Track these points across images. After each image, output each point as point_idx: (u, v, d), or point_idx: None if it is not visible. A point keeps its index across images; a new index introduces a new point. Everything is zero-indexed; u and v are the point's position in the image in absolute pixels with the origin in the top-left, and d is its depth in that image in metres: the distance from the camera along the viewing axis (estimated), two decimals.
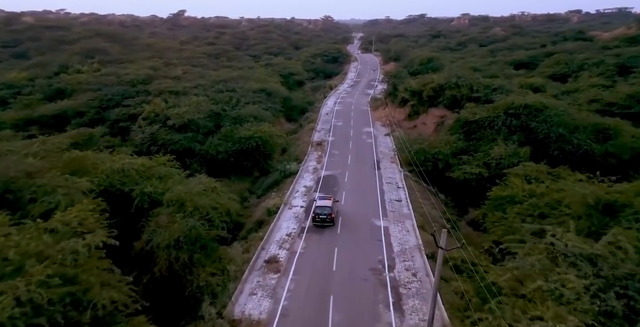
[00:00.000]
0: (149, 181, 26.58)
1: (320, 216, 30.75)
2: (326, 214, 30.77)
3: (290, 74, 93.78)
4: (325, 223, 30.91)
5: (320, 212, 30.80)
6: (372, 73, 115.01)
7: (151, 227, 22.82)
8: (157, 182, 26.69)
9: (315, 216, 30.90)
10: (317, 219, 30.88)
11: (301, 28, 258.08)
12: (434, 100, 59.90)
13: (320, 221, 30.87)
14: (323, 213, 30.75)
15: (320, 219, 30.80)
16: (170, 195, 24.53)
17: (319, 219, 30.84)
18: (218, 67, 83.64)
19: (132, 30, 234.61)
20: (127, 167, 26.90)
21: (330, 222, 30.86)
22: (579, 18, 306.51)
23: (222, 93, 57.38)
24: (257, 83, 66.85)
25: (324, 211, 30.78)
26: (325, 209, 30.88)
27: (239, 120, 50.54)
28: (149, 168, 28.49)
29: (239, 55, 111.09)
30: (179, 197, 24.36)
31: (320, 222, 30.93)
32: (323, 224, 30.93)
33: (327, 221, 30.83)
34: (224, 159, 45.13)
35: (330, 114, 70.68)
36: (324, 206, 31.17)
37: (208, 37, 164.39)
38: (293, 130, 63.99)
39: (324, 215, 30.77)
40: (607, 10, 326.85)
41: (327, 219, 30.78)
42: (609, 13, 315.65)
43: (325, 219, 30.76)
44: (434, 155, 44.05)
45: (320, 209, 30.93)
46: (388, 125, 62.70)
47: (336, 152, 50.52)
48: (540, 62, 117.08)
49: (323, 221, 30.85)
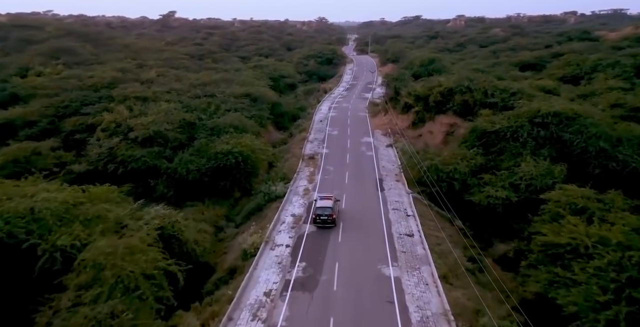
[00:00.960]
0: (69, 228, 18.88)
1: (322, 217, 29.84)
2: (327, 215, 29.83)
3: (281, 77, 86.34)
4: (327, 224, 29.94)
5: (321, 213, 29.87)
6: (370, 75, 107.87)
7: (46, 312, 15.09)
8: (80, 229, 18.98)
9: (316, 217, 29.99)
10: (317, 220, 30.03)
11: (295, 29, 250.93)
12: (442, 106, 52.68)
13: (321, 222, 30.00)
14: (324, 214, 29.83)
15: (321, 220, 29.93)
16: (85, 256, 16.80)
17: (319, 220, 29.98)
18: (200, 69, 76.06)
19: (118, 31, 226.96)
20: (41, 206, 19.21)
21: (331, 223, 29.96)
22: (575, 19, 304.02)
23: (198, 99, 49.75)
24: (241, 87, 59.37)
25: (325, 212, 29.85)
26: (326, 209, 29.97)
27: (216, 131, 42.97)
28: (76, 206, 20.78)
29: (225, 57, 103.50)
30: (95, 261, 16.61)
31: (321, 224, 30.04)
32: (324, 225, 29.96)
33: (328, 222, 29.92)
34: (197, 179, 37.46)
35: (325, 122, 63.24)
36: (324, 206, 30.22)
37: (196, 38, 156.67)
38: (282, 140, 56.47)
39: (325, 216, 29.83)
40: (602, 12, 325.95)
41: (328, 220, 29.86)
42: (604, 14, 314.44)
43: (326, 220, 29.87)
44: (448, 173, 36.64)
45: (320, 210, 30.00)
46: (390, 134, 55.34)
47: (331, 169, 43.04)
48: (547, 63, 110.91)
49: (324, 222, 29.94)
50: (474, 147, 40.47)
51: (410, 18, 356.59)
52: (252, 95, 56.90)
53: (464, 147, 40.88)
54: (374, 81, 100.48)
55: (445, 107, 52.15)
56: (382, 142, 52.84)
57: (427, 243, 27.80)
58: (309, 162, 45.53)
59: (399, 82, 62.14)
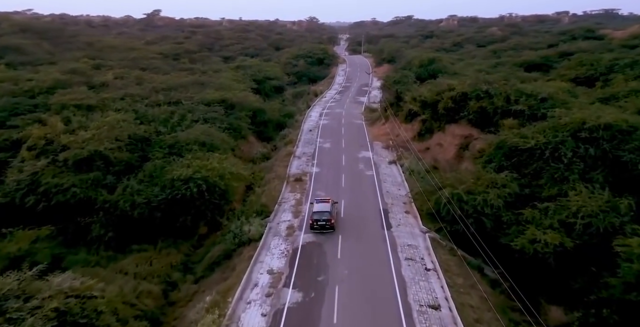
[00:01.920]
0: None
1: (319, 222, 27.90)
2: (325, 219, 27.87)
3: (267, 79, 77.37)
4: (325, 230, 27.97)
5: (318, 218, 27.94)
6: (364, 76, 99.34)
7: None
8: None
9: (313, 223, 28.04)
10: (315, 225, 28.06)
11: (284, 29, 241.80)
12: (454, 115, 44.18)
13: (319, 227, 28.05)
14: (322, 219, 27.88)
15: (319, 225, 27.98)
16: None
17: (317, 226, 28.03)
18: (173, 70, 66.87)
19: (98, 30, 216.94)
20: None
21: (330, 228, 28.05)
22: (569, 19, 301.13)
23: (158, 107, 40.57)
24: (216, 91, 50.34)
25: (323, 217, 27.91)
26: (324, 214, 28.03)
27: (177, 149, 33.97)
28: None
29: (205, 57, 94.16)
30: None
31: (319, 229, 28.08)
32: (322, 231, 28.02)
33: (326, 227, 28.00)
34: (146, 215, 28.44)
35: (315, 131, 54.47)
36: (322, 210, 28.23)
37: (178, 37, 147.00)
38: (265, 154, 47.53)
39: (322, 221, 27.85)
40: (593, 12, 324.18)
41: (326, 225, 27.93)
42: (595, 14, 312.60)
43: (324, 225, 27.93)
44: (475, 207, 28.06)
45: (318, 214, 28.06)
46: (392, 147, 46.74)
47: (322, 195, 34.28)
48: (554, 63, 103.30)
49: (322, 228, 28.01)
50: (502, 169, 32.00)
51: (402, 18, 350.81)
52: (228, 101, 47.90)
53: (490, 169, 32.33)
54: (370, 83, 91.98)
55: (458, 116, 43.66)
56: (384, 158, 44.18)
57: (463, 323, 19.09)
58: (295, 185, 36.68)
59: (401, 85, 53.54)
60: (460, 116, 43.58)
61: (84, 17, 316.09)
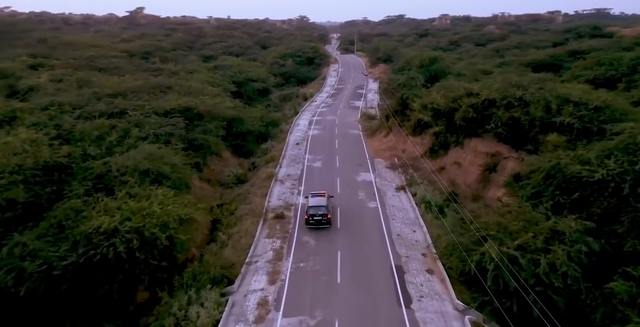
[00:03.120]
0: None
1: (315, 217, 26.22)
2: (321, 214, 26.21)
3: (249, 81, 67.73)
4: (321, 225, 26.31)
5: (314, 212, 26.28)
6: (360, 78, 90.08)
7: None
8: None
9: (309, 218, 26.36)
10: (311, 221, 26.34)
11: (274, 27, 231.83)
12: (477, 127, 35.16)
13: (315, 223, 26.34)
14: (318, 214, 26.21)
15: (314, 220, 26.29)
16: None
17: (313, 221, 26.30)
18: (137, 70, 57.04)
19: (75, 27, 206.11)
20: None
21: (326, 223, 26.32)
22: (563, 18, 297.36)
23: (93, 120, 30.69)
24: (181, 97, 40.67)
25: (319, 211, 26.24)
26: (320, 208, 26.36)
27: (108, 180, 24.32)
28: None
29: (180, 55, 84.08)
30: None
31: (315, 225, 26.38)
32: (318, 226, 26.35)
33: (323, 223, 26.29)
34: (41, 292, 18.82)
35: (303, 144, 45.11)
36: (318, 205, 26.63)
37: (157, 34, 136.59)
38: (239, 176, 37.84)
39: (319, 216, 26.20)
40: (585, 11, 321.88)
41: (322, 220, 26.26)
42: (587, 14, 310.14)
43: (320, 220, 26.26)
44: (538, 275, 18.90)
45: (314, 209, 26.41)
46: (399, 167, 37.57)
47: (311, 243, 24.89)
48: (564, 63, 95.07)
49: (318, 223, 26.33)
50: (559, 208, 22.97)
51: (393, 17, 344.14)
52: (194, 110, 38.23)
53: (542, 207, 23.24)
54: (365, 84, 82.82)
55: (482, 129, 34.63)
56: (389, 182, 34.92)
57: None
58: (274, 226, 27.25)
59: (408, 89, 44.18)
60: (484, 129, 34.53)
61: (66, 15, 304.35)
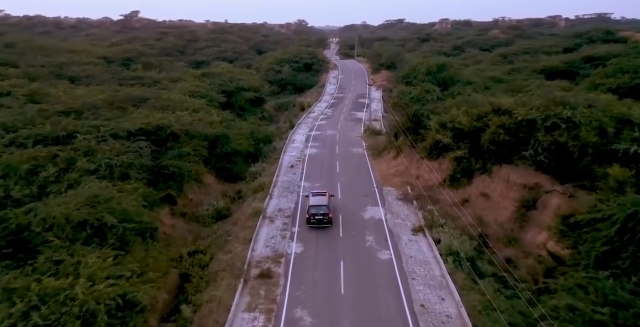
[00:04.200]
0: None
1: (316, 216, 26.22)
2: (322, 213, 26.18)
3: (240, 90, 61.39)
4: (322, 224, 26.35)
5: (315, 212, 26.29)
6: (361, 86, 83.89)
7: None
8: None
9: (310, 217, 26.33)
10: (312, 220, 26.31)
11: (272, 32, 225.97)
12: (510, 152, 28.90)
13: (316, 222, 26.34)
14: (319, 213, 26.22)
15: (316, 220, 26.28)
16: None
17: (314, 220, 26.29)
18: (112, 79, 50.63)
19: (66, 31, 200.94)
20: None
21: (327, 222, 26.41)
22: (566, 22, 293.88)
23: (26, 148, 24.11)
24: (153, 114, 34.24)
25: (320, 211, 26.27)
26: (322, 208, 26.38)
27: (29, 240, 17.77)
28: None
29: (165, 61, 77.68)
30: None
31: (316, 224, 26.38)
32: (320, 225, 26.34)
33: (324, 222, 26.30)
34: None
35: (298, 167, 38.71)
36: (319, 204, 26.60)
37: (148, 38, 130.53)
38: (220, 210, 31.23)
39: (320, 215, 26.18)
40: (586, 16, 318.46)
41: (324, 219, 26.24)
42: (588, 18, 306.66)
43: (322, 219, 26.23)
44: None
45: (315, 208, 26.41)
46: (413, 199, 31.14)
47: (306, 321, 18.39)
48: (580, 69, 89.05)
49: (320, 222, 26.29)
50: None
51: (393, 21, 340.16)
52: (167, 130, 31.71)
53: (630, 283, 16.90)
54: (367, 93, 76.63)
55: (518, 155, 28.35)
56: (403, 220, 28.46)
57: None
58: (257, 290, 20.76)
59: (422, 104, 37.64)
60: (519, 155, 28.25)
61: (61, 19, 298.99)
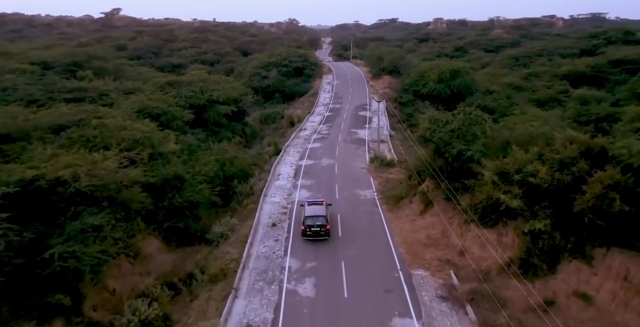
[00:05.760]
0: None
1: (313, 228, 24.21)
2: (319, 225, 24.22)
3: (213, 103, 49.25)
4: (319, 237, 24.39)
5: (311, 223, 24.28)
6: (360, 94, 72.09)
7: None
8: None
9: (306, 229, 24.35)
10: (308, 232, 24.40)
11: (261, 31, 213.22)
12: (629, 230, 17.38)
13: (313, 234, 24.36)
14: (316, 224, 24.21)
15: (312, 232, 24.30)
16: None
17: (310, 232, 24.36)
18: (40, 93, 38.39)
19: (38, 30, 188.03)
20: None
21: (325, 235, 24.43)
22: (564, 22, 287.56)
23: None
24: (58, 156, 21.98)
25: (317, 222, 24.25)
26: (318, 219, 24.36)
27: None
28: None
29: (124, 66, 64.94)
30: None
31: (313, 237, 24.41)
32: (316, 238, 24.37)
33: (321, 234, 24.36)
34: None
35: (282, 227, 26.72)
36: (316, 215, 24.48)
37: (121, 38, 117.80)
38: (151, 321, 19.22)
39: (316, 227, 24.19)
40: (581, 16, 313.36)
41: (321, 231, 24.29)
42: (583, 18, 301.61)
43: (318, 231, 24.28)
44: None
45: (311, 219, 24.37)
46: (465, 299, 19.43)
47: None
48: (609, 75, 78.61)
49: (317, 234, 24.34)
50: None
51: (386, 21, 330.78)
52: (69, 189, 19.53)
53: None
54: (369, 104, 64.91)
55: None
56: None
57: None
58: None
59: (462, 141, 24.44)
60: None
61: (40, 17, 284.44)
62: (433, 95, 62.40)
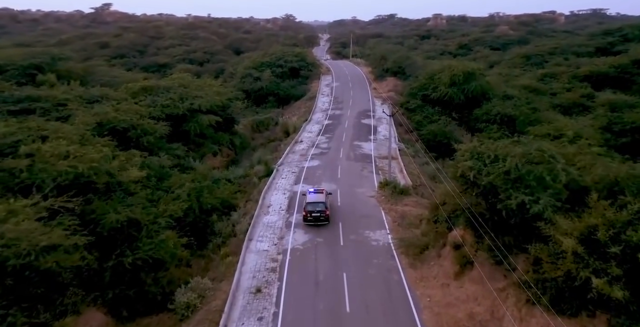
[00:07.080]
0: None
1: (313, 213, 26.01)
2: (319, 211, 25.99)
3: (195, 112, 42.29)
4: (319, 222, 26.11)
5: (312, 209, 26.07)
6: (362, 98, 65.11)
7: None
8: None
9: (307, 214, 26.16)
10: (309, 217, 26.12)
11: (257, 27, 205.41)
12: None
13: (313, 219, 26.08)
14: (316, 210, 26.00)
15: (313, 217, 26.05)
16: None
17: (311, 218, 26.07)
18: None
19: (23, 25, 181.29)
20: None
21: (325, 220, 26.18)
22: (566, 19, 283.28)
23: None
24: None
25: (317, 208, 26.05)
26: (319, 205, 26.20)
27: None
28: None
29: (98, 67, 57.48)
30: None
31: (313, 221, 26.12)
32: (317, 223, 26.10)
33: (321, 219, 26.10)
34: None
35: (270, 295, 19.89)
36: (316, 201, 26.39)
37: (105, 35, 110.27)
38: None
39: (317, 212, 25.99)
40: (581, 12, 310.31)
41: (321, 217, 26.03)
42: (584, 14, 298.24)
43: (319, 217, 26.03)
44: None
45: (312, 205, 26.21)
46: None
47: None
48: (635, 76, 72.23)
49: (317, 220, 26.09)
50: None
51: (384, 17, 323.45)
52: None
53: None
54: (372, 109, 58.00)
55: None
56: None
57: None
58: None
59: (523, 185, 17.81)
60: None
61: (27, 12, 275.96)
62: (445, 100, 55.69)
